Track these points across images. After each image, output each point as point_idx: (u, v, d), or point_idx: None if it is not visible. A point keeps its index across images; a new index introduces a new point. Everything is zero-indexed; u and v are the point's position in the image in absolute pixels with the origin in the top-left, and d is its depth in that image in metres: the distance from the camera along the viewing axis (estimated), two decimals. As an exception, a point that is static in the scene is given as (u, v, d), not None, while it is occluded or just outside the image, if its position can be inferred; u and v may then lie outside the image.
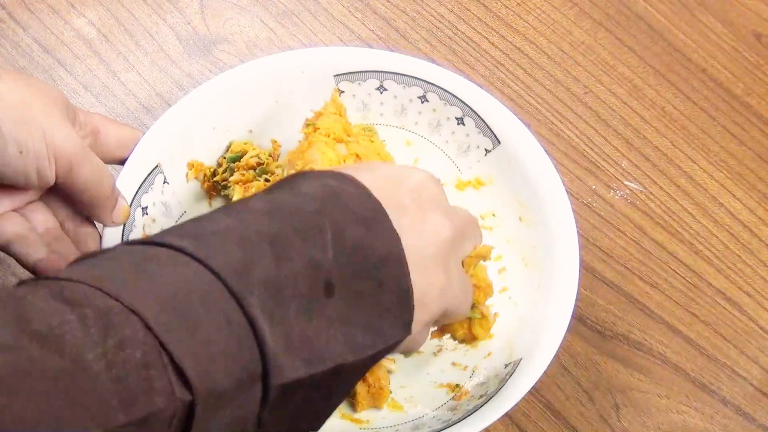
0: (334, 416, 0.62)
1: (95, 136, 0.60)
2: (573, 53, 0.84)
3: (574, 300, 0.61)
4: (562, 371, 0.69)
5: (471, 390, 0.62)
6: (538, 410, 0.68)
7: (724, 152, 0.81)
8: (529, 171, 0.66)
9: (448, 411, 0.61)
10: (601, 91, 0.83)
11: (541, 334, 0.61)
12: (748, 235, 0.77)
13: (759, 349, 0.72)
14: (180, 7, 0.83)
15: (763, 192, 0.79)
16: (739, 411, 0.69)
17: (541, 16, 0.86)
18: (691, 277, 0.74)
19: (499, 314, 0.66)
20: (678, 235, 0.76)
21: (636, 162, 0.79)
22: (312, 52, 0.69)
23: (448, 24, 0.84)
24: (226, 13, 0.83)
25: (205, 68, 0.80)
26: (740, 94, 0.84)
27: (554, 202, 0.65)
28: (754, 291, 0.74)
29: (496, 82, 0.82)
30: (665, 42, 0.86)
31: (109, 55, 0.80)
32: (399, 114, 0.70)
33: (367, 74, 0.69)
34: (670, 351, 0.71)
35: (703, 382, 0.70)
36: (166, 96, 0.78)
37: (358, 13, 0.84)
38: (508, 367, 0.61)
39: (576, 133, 0.80)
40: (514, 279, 0.67)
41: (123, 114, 0.77)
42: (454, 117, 0.69)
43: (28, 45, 0.79)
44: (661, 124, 0.81)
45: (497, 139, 0.68)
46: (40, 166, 0.53)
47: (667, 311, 0.73)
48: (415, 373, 0.65)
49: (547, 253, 0.64)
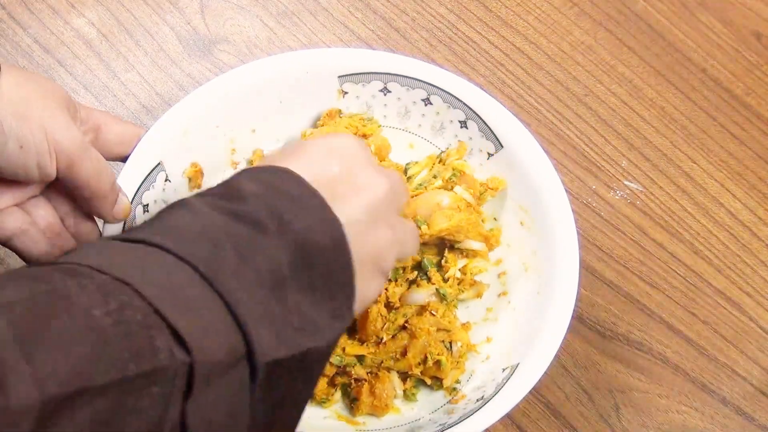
0: (331, 417, 0.63)
1: (96, 133, 0.60)
2: (573, 53, 0.84)
3: (572, 307, 0.61)
4: (562, 371, 0.69)
5: (468, 393, 0.62)
6: (538, 410, 0.68)
7: (724, 152, 0.81)
8: (532, 176, 0.66)
9: (445, 414, 0.61)
10: (601, 91, 0.83)
11: (539, 340, 0.61)
12: (748, 235, 0.77)
13: (759, 349, 0.72)
14: (180, 7, 0.83)
15: (763, 192, 0.79)
16: (739, 411, 0.70)
17: (541, 16, 0.86)
18: (691, 277, 0.74)
19: (499, 319, 0.66)
20: (678, 235, 0.76)
21: (636, 162, 0.79)
22: (316, 53, 0.69)
23: (448, 24, 0.84)
24: (226, 13, 0.83)
25: (205, 68, 0.80)
26: (740, 94, 0.84)
27: (556, 208, 0.65)
28: (754, 291, 0.74)
29: (496, 82, 0.82)
30: (665, 42, 0.86)
31: (109, 55, 0.80)
32: (402, 116, 0.70)
33: (371, 76, 0.69)
34: (670, 351, 0.71)
35: (703, 382, 0.70)
36: (166, 96, 0.78)
37: (358, 13, 0.84)
38: (505, 372, 0.61)
39: (576, 133, 0.80)
40: (513, 283, 0.67)
41: (123, 114, 0.77)
42: (458, 120, 0.69)
43: (28, 45, 0.79)
44: (661, 124, 0.82)
45: (500, 143, 0.68)
46: (40, 162, 0.53)
47: (667, 311, 0.73)
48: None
49: (548, 259, 0.64)
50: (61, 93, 0.56)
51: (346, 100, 0.70)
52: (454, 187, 0.65)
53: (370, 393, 0.62)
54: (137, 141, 0.63)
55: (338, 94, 0.69)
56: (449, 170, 0.66)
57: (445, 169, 0.66)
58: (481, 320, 0.67)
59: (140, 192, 0.62)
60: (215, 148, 0.68)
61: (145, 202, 0.62)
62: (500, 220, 0.68)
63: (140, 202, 0.62)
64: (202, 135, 0.67)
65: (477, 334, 0.65)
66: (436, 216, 0.63)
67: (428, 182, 0.66)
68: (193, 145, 0.66)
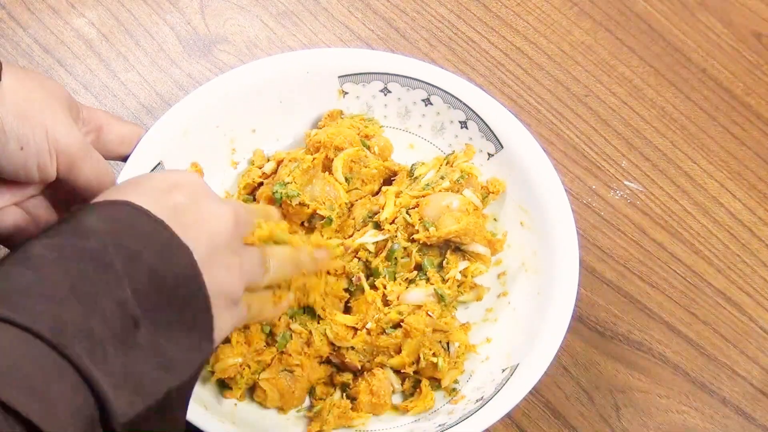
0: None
1: (98, 133, 0.60)
2: (573, 53, 0.84)
3: (572, 307, 0.61)
4: (562, 371, 0.69)
5: (468, 394, 0.62)
6: (538, 410, 0.68)
7: (724, 152, 0.81)
8: (532, 176, 0.66)
9: (444, 414, 0.61)
10: (601, 91, 0.83)
11: (538, 341, 0.61)
12: (748, 235, 0.77)
13: (759, 349, 0.72)
14: (180, 7, 0.83)
15: (763, 192, 0.79)
16: (739, 411, 0.69)
17: (541, 16, 0.86)
18: (691, 277, 0.74)
19: (498, 319, 0.66)
20: (678, 235, 0.76)
21: (636, 162, 0.79)
22: (317, 53, 0.69)
23: (448, 24, 0.84)
24: (226, 13, 0.83)
25: (205, 68, 0.80)
26: (740, 94, 0.84)
27: (556, 208, 0.65)
28: (754, 291, 0.74)
29: (496, 82, 0.82)
30: (665, 42, 0.86)
31: (109, 55, 0.79)
32: (403, 116, 0.70)
33: (371, 76, 0.69)
34: (670, 351, 0.71)
35: (703, 382, 0.70)
36: (165, 96, 0.78)
37: (359, 13, 0.84)
38: (505, 372, 0.61)
39: (576, 133, 0.80)
40: (513, 284, 0.67)
41: (123, 114, 0.77)
42: (458, 120, 0.69)
43: (28, 45, 0.79)
44: (661, 124, 0.82)
45: (500, 144, 0.68)
46: (41, 162, 0.53)
47: (667, 311, 0.73)
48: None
49: (548, 259, 0.64)
50: (62, 92, 0.56)
51: (346, 100, 0.70)
52: (460, 189, 0.65)
53: (368, 392, 0.62)
54: (138, 141, 0.63)
55: (338, 95, 0.69)
56: (457, 172, 0.66)
57: (453, 171, 0.66)
58: (481, 321, 0.67)
59: (140, 192, 0.62)
60: (215, 148, 0.68)
61: (145, 202, 0.62)
62: (500, 221, 0.68)
63: (140, 201, 0.62)
64: (202, 135, 0.67)
65: (476, 335, 0.65)
66: (444, 218, 0.63)
67: (435, 183, 0.66)
68: (193, 145, 0.66)
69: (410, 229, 0.64)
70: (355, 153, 0.66)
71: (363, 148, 0.66)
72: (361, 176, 0.67)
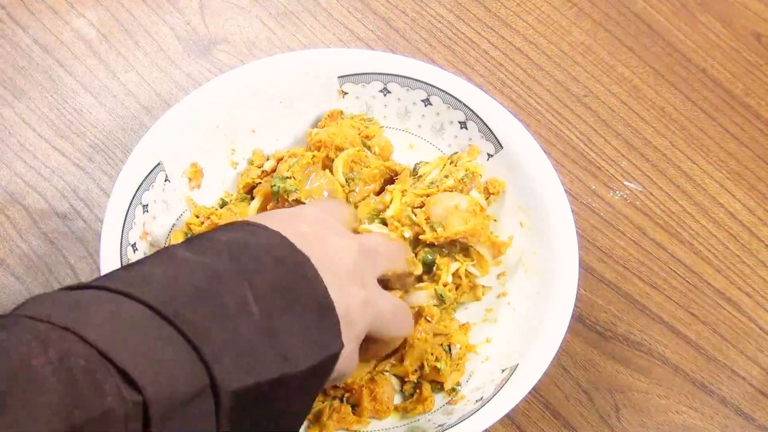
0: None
1: None
2: (573, 53, 0.84)
3: (572, 307, 0.61)
4: (562, 371, 0.69)
5: (467, 394, 0.62)
6: (538, 410, 0.68)
7: (723, 152, 0.81)
8: (532, 177, 0.66)
9: (444, 415, 0.61)
10: (600, 91, 0.83)
11: (538, 341, 0.61)
12: (747, 236, 0.77)
13: (758, 349, 0.72)
14: (180, 7, 0.83)
15: (762, 192, 0.79)
16: (739, 411, 0.69)
17: (540, 17, 0.86)
18: (691, 278, 0.74)
19: (498, 319, 0.66)
20: (678, 235, 0.76)
21: (636, 162, 0.79)
22: (316, 53, 0.69)
23: (448, 24, 0.84)
24: (225, 13, 0.83)
25: (205, 68, 0.80)
26: (740, 94, 0.84)
27: (556, 208, 0.65)
28: (754, 291, 0.74)
29: (496, 82, 0.82)
30: (665, 42, 0.86)
31: (109, 55, 0.79)
32: (402, 117, 0.70)
33: (371, 76, 0.69)
34: (670, 351, 0.71)
35: (703, 382, 0.70)
36: (165, 96, 0.78)
37: (358, 14, 0.84)
38: (504, 372, 0.61)
39: (576, 133, 0.80)
40: (513, 284, 0.67)
41: (123, 114, 0.77)
42: (458, 121, 0.69)
43: (28, 45, 0.79)
44: (661, 124, 0.82)
45: (500, 144, 0.68)
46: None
47: (667, 311, 0.73)
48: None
49: (547, 259, 0.64)
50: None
51: (346, 100, 0.70)
52: (465, 187, 0.65)
53: (371, 398, 0.62)
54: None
55: (338, 95, 0.69)
56: (461, 170, 0.66)
57: (457, 170, 0.66)
58: (481, 321, 0.66)
59: (140, 192, 0.62)
60: (215, 148, 0.68)
61: (144, 203, 0.62)
62: (500, 221, 0.68)
63: (140, 202, 0.62)
64: (202, 135, 0.67)
65: (476, 335, 0.65)
66: (452, 218, 0.63)
67: (440, 181, 0.66)
68: (193, 146, 0.66)
69: (416, 229, 0.63)
70: (355, 153, 0.66)
71: (364, 149, 0.66)
72: (362, 176, 0.67)
